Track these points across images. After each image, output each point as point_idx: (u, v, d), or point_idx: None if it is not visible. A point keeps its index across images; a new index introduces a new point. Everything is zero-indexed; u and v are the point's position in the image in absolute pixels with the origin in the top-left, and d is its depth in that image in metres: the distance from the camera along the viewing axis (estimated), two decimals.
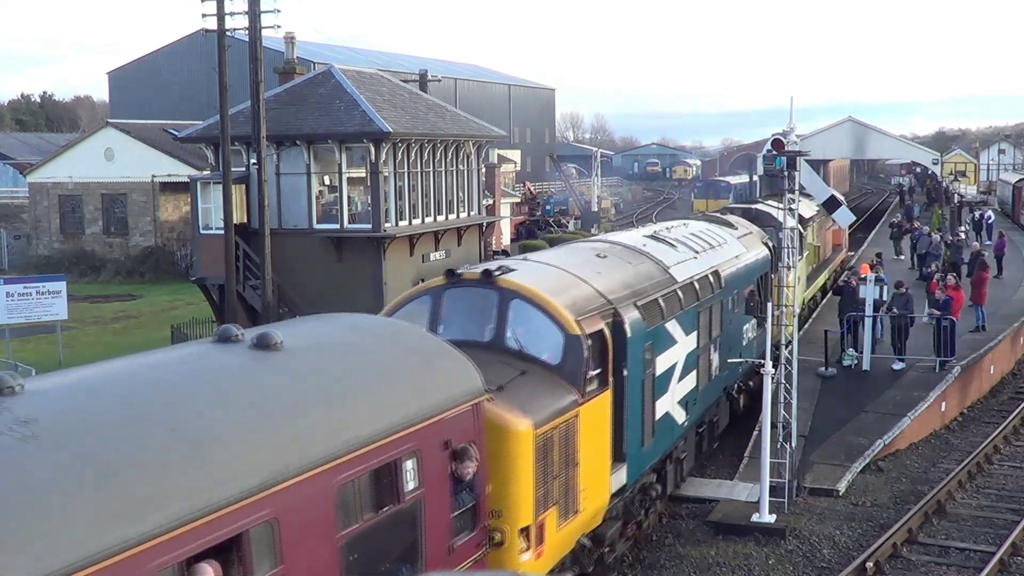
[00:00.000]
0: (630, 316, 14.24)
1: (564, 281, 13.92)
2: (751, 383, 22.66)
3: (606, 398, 13.45)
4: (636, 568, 15.66)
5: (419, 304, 13.23)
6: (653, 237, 18.89)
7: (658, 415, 15.51)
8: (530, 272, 13.79)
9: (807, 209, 30.96)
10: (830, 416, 22.03)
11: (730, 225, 24.27)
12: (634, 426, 14.35)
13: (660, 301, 15.72)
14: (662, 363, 15.64)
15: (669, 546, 16.41)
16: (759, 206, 29.95)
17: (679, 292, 16.80)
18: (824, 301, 33.70)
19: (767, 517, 16.82)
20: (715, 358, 19.16)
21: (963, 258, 35.35)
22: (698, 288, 17.84)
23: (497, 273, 13.08)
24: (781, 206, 29.97)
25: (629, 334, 13.95)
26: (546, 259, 15.21)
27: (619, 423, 13.87)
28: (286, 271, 29.27)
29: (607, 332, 13.39)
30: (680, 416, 16.87)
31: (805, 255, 30.76)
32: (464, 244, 34.42)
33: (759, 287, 23.32)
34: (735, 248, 22.17)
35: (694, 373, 17.61)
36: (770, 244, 24.90)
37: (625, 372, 13.91)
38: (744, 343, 21.78)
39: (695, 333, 17.56)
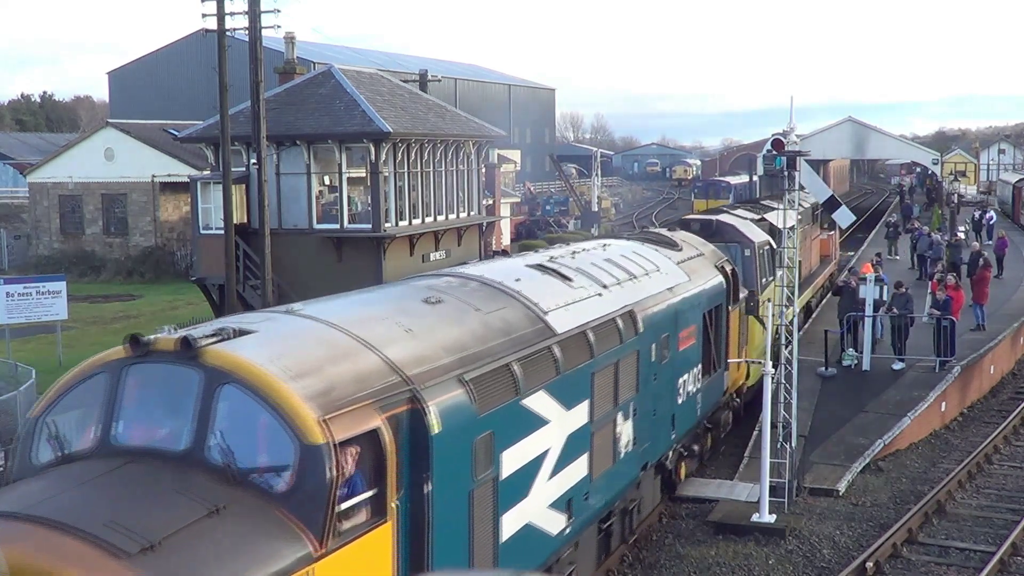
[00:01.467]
0: (441, 400, 9.70)
1: (330, 351, 9.33)
2: (706, 433, 19.68)
3: (382, 538, 8.83)
4: (636, 568, 15.66)
5: (91, 387, 8.80)
6: (541, 267, 14.43)
7: (508, 534, 11.06)
8: (272, 337, 9.27)
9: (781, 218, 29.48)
10: (830, 416, 22.04)
11: (671, 245, 19.45)
12: (451, 564, 9.80)
13: (515, 368, 11.16)
14: (516, 458, 11.22)
15: (669, 546, 16.42)
16: (723, 217, 25.73)
17: (557, 349, 12.23)
18: (824, 301, 33.71)
19: (767, 517, 16.82)
20: (627, 429, 14.66)
21: (963, 258, 35.35)
22: (594, 339, 13.32)
23: (204, 343, 8.64)
24: (752, 215, 27.16)
25: (437, 429, 9.46)
26: (326, 311, 10.41)
27: (417, 566, 9.28)
28: (286, 271, 29.27)
29: (387, 432, 8.87)
30: (556, 524, 12.43)
31: (751, 294, 26.82)
32: (464, 244, 34.42)
33: (709, 324, 18.94)
34: (671, 277, 17.57)
35: (585, 457, 13.16)
36: (728, 268, 20.69)
37: (429, 488, 9.35)
38: (682, 399, 17.34)
39: (586, 402, 13.07)
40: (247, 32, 28.57)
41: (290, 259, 29.51)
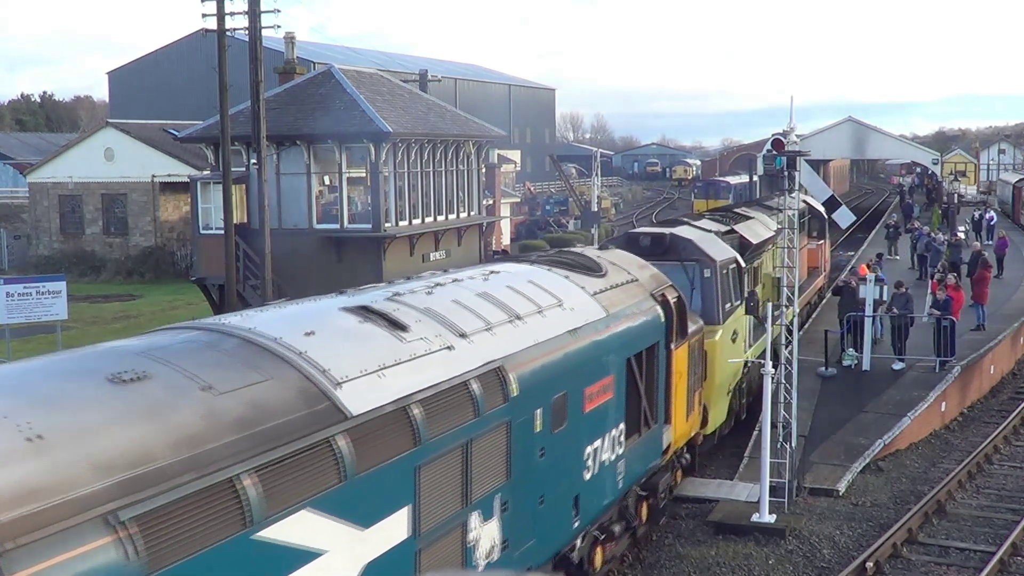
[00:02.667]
0: (54, 564, 5.82)
1: None
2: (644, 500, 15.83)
3: None
4: (636, 568, 15.66)
5: None
6: (365, 311, 10.27)
7: None
8: None
9: (755, 230, 24.71)
10: (830, 416, 22.03)
11: (591, 270, 15.02)
12: None
13: (246, 483, 7.23)
14: None
15: (669, 546, 16.41)
16: (680, 230, 20.71)
17: (345, 441, 8.31)
18: (824, 301, 33.69)
19: (767, 517, 16.82)
20: (489, 532, 10.67)
21: (962, 258, 35.37)
22: (422, 417, 9.37)
23: None
24: (718, 227, 22.80)
25: None
26: None
27: None
28: (286, 271, 29.28)
29: None
30: None
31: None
32: (464, 244, 34.43)
33: (638, 371, 14.60)
34: (577, 314, 13.17)
35: None
36: (672, 296, 16.20)
37: None
38: (592, 473, 13.25)
39: (405, 511, 9.13)
40: (247, 32, 28.57)
41: (290, 259, 29.51)
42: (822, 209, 34.69)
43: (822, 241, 35.64)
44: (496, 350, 10.97)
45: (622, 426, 14.15)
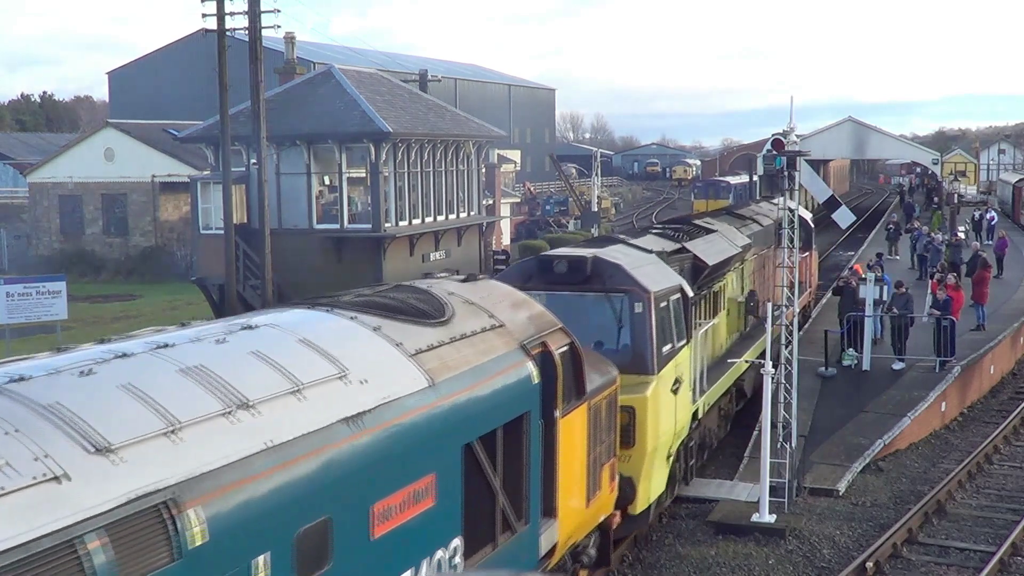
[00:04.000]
0: None
1: None
2: None
3: None
4: (636, 568, 15.66)
5: None
6: None
7: None
8: None
9: (716, 247, 20.02)
10: (830, 416, 22.03)
11: (428, 315, 10.49)
12: None
13: None
14: None
15: (669, 546, 16.41)
16: (609, 252, 16.23)
17: None
18: (824, 301, 33.65)
19: (767, 517, 16.82)
20: None
21: (962, 258, 35.37)
22: None
23: None
24: (664, 245, 18.08)
25: None
26: None
27: None
28: (286, 271, 29.28)
29: None
30: None
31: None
32: (464, 244, 34.43)
33: (494, 457, 10.52)
34: (367, 389, 8.74)
35: None
36: (559, 345, 11.92)
37: None
38: None
39: None
40: (247, 32, 28.57)
41: (290, 259, 29.52)
42: (807, 216, 31.00)
43: (808, 253, 29.99)
44: (167, 470, 6.54)
45: (458, 541, 9.84)
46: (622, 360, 14.56)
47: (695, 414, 17.27)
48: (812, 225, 31.43)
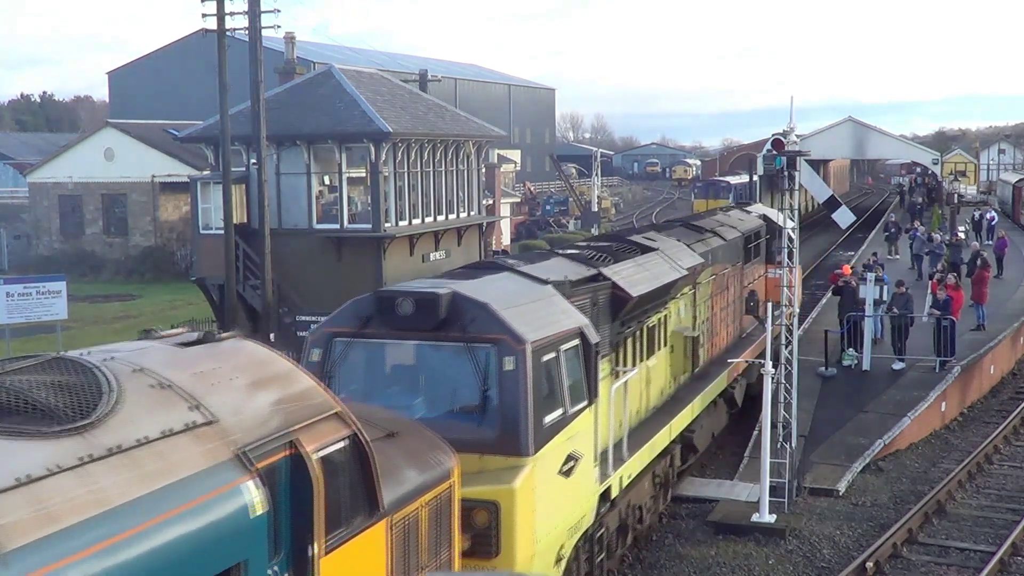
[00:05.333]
0: None
1: None
2: None
3: None
4: (636, 568, 15.66)
5: None
6: None
7: None
8: None
9: (649, 271, 16.19)
10: (830, 416, 22.03)
11: (19, 415, 6.26)
12: None
13: None
14: None
15: (669, 546, 16.42)
16: (474, 286, 12.47)
17: None
18: (824, 301, 33.62)
19: (767, 517, 16.82)
20: None
21: (963, 258, 35.37)
22: None
23: None
24: (573, 268, 14.51)
25: None
26: None
27: None
28: (286, 271, 29.27)
29: None
30: None
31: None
32: (464, 244, 34.42)
33: None
34: None
35: None
36: (319, 451, 7.93)
37: None
38: None
39: None
40: (247, 32, 28.56)
41: (290, 259, 29.51)
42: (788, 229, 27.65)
43: (787, 268, 23.93)
44: None
45: None
46: (485, 436, 11.09)
47: (606, 494, 13.35)
48: (793, 237, 26.50)
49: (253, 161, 29.23)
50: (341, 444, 8.17)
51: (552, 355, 11.81)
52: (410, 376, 11.94)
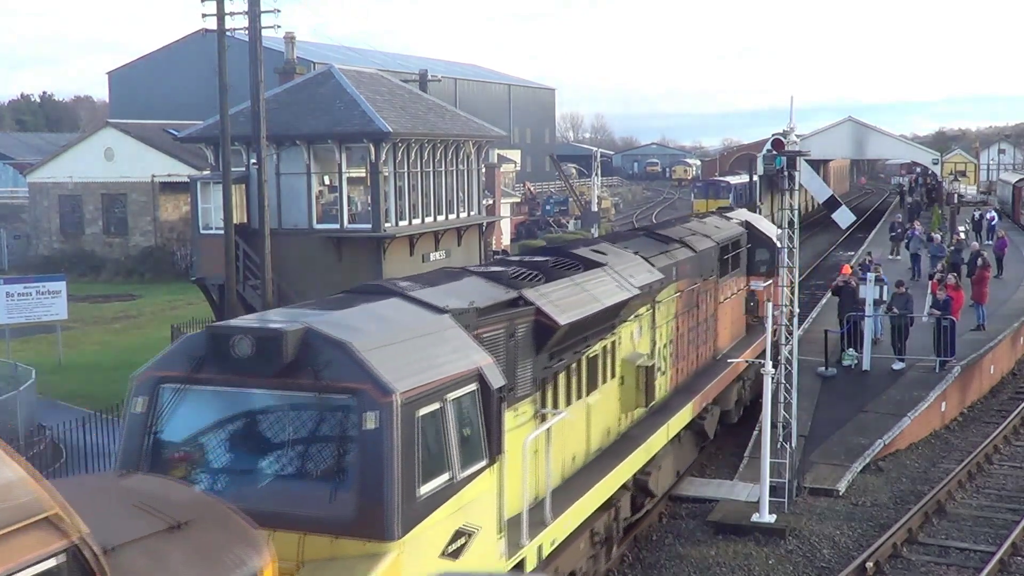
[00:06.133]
0: None
1: None
2: None
3: None
4: (636, 568, 15.66)
5: None
6: None
7: None
8: None
9: (589, 292, 13.85)
10: (830, 416, 22.03)
11: None
12: None
13: None
14: None
15: (669, 546, 16.42)
16: (333, 319, 10.15)
17: None
18: (824, 301, 33.62)
19: (767, 517, 16.83)
20: None
21: (963, 258, 35.36)
22: None
23: None
24: (495, 293, 12.20)
25: None
26: None
27: None
28: (286, 271, 29.27)
29: None
30: None
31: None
32: (464, 244, 34.42)
33: None
34: None
35: None
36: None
37: None
38: None
39: None
40: (247, 32, 28.56)
41: (290, 259, 29.51)
42: (771, 231, 24.71)
43: (771, 281, 22.92)
44: None
45: None
46: (338, 514, 8.78)
47: (520, 566, 11.22)
48: (778, 244, 22.48)
49: (253, 161, 29.21)
50: (50, 562, 5.84)
51: (434, 407, 9.44)
52: (249, 434, 9.53)
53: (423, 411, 9.29)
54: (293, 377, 9.18)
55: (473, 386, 10.03)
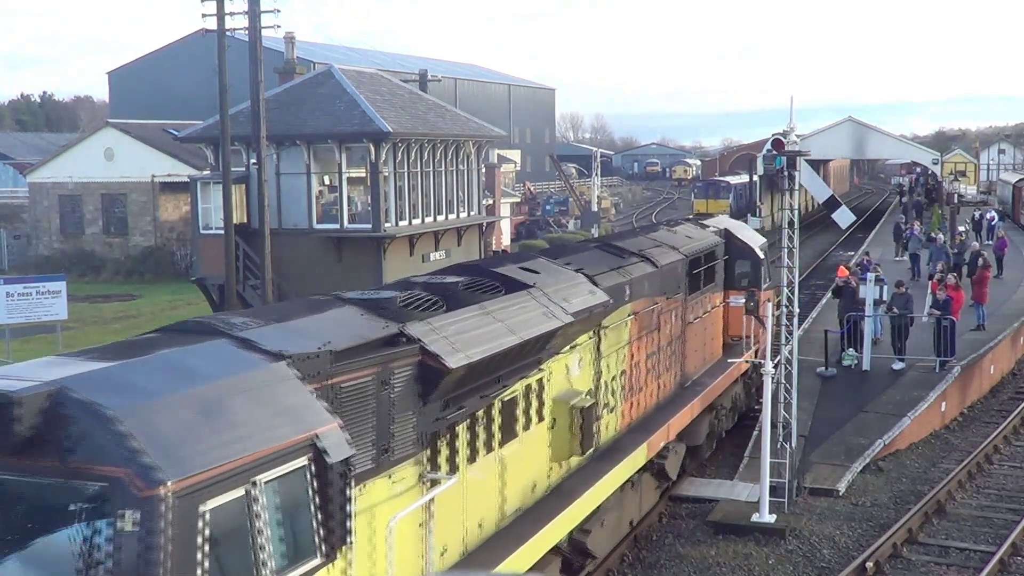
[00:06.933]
0: None
1: None
2: None
3: None
4: (636, 568, 15.66)
5: None
6: None
7: None
8: None
9: (498, 324, 11.30)
10: (830, 416, 22.02)
11: None
12: None
13: None
14: None
15: (669, 546, 16.42)
16: (81, 378, 7.12)
17: None
18: (824, 301, 33.61)
19: (767, 517, 16.82)
20: None
21: (964, 258, 35.35)
22: None
23: None
24: (273, 345, 8.30)
25: None
26: None
27: None
28: (286, 271, 29.28)
29: None
30: None
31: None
32: (464, 244, 34.44)
33: None
34: None
35: None
36: None
37: None
38: None
39: None
40: (247, 32, 28.57)
41: (290, 259, 29.52)
42: (755, 242, 22.97)
43: (758, 295, 20.12)
44: None
45: None
46: None
47: None
48: (762, 256, 22.66)
49: (253, 161, 29.23)
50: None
51: (234, 495, 7.03)
52: None
53: (214, 503, 6.79)
54: (31, 457, 6.62)
55: (303, 460, 7.64)
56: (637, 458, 15.05)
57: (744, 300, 21.48)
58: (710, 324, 20.58)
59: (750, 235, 23.66)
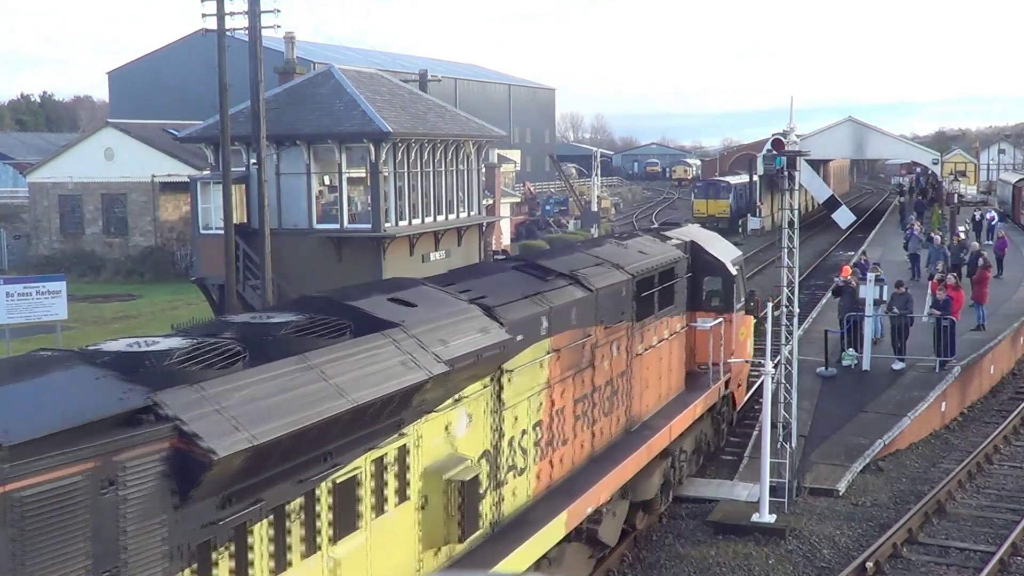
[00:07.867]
0: None
1: None
2: None
3: None
4: (636, 568, 15.66)
5: None
6: None
7: None
8: None
9: (395, 363, 9.51)
10: (830, 416, 22.03)
11: None
12: None
13: None
14: None
15: (669, 546, 16.42)
16: None
17: None
18: (824, 301, 33.62)
19: (767, 517, 16.82)
20: None
21: (964, 258, 35.34)
22: None
23: None
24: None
25: None
26: None
27: None
28: (286, 271, 29.28)
29: None
30: None
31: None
32: (464, 244, 34.43)
33: None
34: None
35: None
36: None
37: None
38: None
39: None
40: (247, 32, 28.57)
41: (290, 259, 29.52)
42: (727, 256, 20.27)
43: (727, 315, 19.26)
44: None
45: None
46: None
47: None
48: (734, 271, 19.81)
49: (253, 161, 29.23)
50: None
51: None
52: None
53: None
54: None
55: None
56: (552, 531, 12.14)
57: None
58: (668, 354, 17.46)
59: (722, 247, 20.63)
